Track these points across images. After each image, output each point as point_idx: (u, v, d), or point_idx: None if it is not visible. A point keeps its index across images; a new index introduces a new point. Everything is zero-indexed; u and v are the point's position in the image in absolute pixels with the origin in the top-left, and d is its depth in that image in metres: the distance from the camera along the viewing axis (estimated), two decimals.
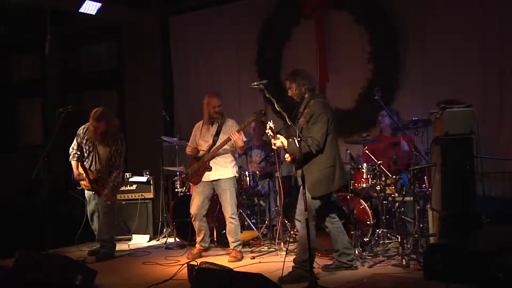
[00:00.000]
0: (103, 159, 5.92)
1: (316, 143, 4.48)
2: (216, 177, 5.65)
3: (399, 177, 5.62)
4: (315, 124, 4.53)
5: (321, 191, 4.59)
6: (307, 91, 4.72)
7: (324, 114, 4.55)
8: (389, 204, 5.66)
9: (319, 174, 4.57)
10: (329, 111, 4.64)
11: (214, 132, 5.73)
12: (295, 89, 4.73)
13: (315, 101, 4.64)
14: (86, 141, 5.98)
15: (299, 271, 4.58)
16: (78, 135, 6.04)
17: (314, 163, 4.58)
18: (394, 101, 6.67)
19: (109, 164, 5.91)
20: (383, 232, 5.57)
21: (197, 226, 5.77)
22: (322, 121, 4.51)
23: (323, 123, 4.51)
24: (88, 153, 5.97)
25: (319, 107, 4.58)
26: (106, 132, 5.88)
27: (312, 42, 7.28)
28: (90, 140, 5.95)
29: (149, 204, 7.20)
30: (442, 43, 6.45)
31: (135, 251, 6.41)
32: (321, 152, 4.56)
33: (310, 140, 4.47)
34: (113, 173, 5.91)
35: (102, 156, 5.92)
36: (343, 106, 7.13)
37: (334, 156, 4.61)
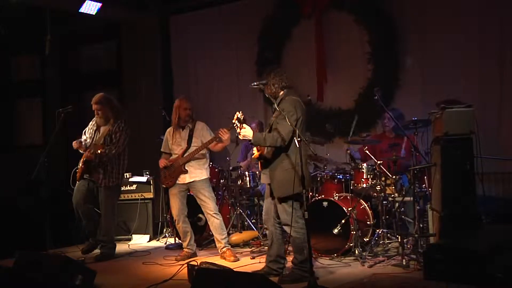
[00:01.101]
0: (101, 137, 5.90)
1: (281, 138, 4.40)
2: (191, 179, 5.70)
3: (399, 177, 5.62)
4: (283, 119, 4.44)
5: (286, 191, 4.49)
6: (281, 89, 4.65)
7: (294, 112, 4.48)
8: (389, 204, 5.66)
9: (284, 174, 4.49)
10: (301, 111, 4.56)
11: (186, 136, 5.77)
12: (268, 87, 4.67)
13: (288, 98, 4.58)
14: (91, 126, 6.04)
15: (297, 272, 4.57)
16: (87, 127, 6.11)
17: (278, 162, 4.52)
18: (394, 101, 6.67)
19: (107, 140, 5.86)
20: (383, 232, 5.57)
21: (181, 228, 5.78)
22: (291, 118, 4.42)
23: (292, 120, 4.41)
24: (90, 136, 5.99)
25: (290, 104, 4.51)
26: (109, 112, 5.92)
27: (311, 42, 7.28)
28: (97, 124, 5.99)
29: (149, 204, 7.20)
30: (442, 43, 6.45)
31: (135, 251, 6.41)
32: (286, 152, 4.50)
33: (275, 134, 4.42)
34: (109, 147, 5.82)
35: (101, 135, 5.92)
36: (343, 106, 7.14)
37: (304, 155, 4.48)
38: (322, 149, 6.50)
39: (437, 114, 4.86)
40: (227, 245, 5.65)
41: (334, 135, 7.07)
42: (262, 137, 4.49)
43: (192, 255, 5.76)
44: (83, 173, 5.93)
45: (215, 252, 5.85)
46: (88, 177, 5.93)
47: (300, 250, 4.53)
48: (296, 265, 4.59)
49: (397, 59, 6.74)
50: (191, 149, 5.68)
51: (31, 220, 6.39)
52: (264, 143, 4.48)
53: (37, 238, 5.79)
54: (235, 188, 6.64)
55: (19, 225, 6.63)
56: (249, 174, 6.60)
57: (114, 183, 5.93)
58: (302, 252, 4.50)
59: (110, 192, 5.94)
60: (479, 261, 3.16)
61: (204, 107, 7.91)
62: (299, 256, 4.56)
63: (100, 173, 5.85)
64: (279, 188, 4.53)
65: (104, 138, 5.89)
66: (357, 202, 5.55)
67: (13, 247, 5.01)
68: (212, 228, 5.68)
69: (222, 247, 5.62)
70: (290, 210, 4.49)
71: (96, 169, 5.85)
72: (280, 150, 4.50)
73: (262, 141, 4.48)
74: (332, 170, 6.18)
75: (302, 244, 4.47)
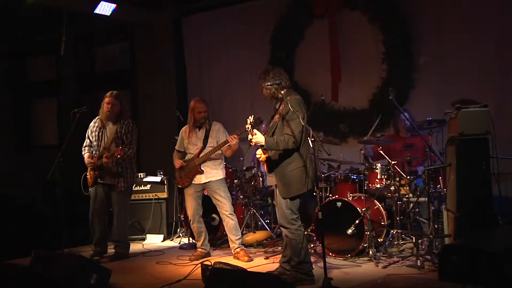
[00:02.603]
0: (110, 138, 5.85)
1: (293, 140, 4.39)
2: (207, 179, 5.71)
3: (413, 177, 5.60)
4: (292, 120, 4.42)
5: (292, 192, 4.48)
6: (281, 89, 4.58)
7: (300, 111, 4.44)
8: (404, 204, 5.64)
9: (290, 175, 4.47)
10: (304, 109, 4.52)
11: (203, 136, 5.78)
12: (266, 88, 4.62)
13: (292, 98, 4.52)
14: (96, 128, 5.94)
15: (297, 275, 4.53)
16: (89, 129, 6.02)
17: (284, 163, 4.49)
18: (409, 101, 6.64)
19: (117, 142, 5.81)
20: (397, 233, 5.55)
21: (196, 228, 5.80)
22: (299, 118, 4.39)
23: (299, 120, 4.39)
24: (97, 139, 5.91)
25: (296, 104, 4.47)
26: (120, 112, 5.89)
27: (325, 42, 7.26)
28: (103, 120, 5.90)
29: (163, 204, 7.24)
30: (458, 42, 6.40)
31: (149, 251, 6.44)
32: (293, 152, 4.46)
33: (287, 136, 4.40)
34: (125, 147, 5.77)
35: (110, 136, 5.87)
36: (357, 106, 7.12)
37: (305, 156, 4.47)
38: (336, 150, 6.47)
39: (452, 114, 4.82)
40: (240, 246, 5.67)
41: (348, 135, 7.05)
42: (274, 142, 4.45)
43: (206, 255, 5.78)
44: (97, 178, 5.90)
45: (229, 252, 5.86)
46: (102, 182, 5.91)
47: (296, 252, 4.50)
48: (294, 267, 4.57)
49: (412, 59, 6.70)
50: (207, 150, 5.69)
51: (47, 220, 6.46)
52: (277, 147, 4.46)
53: (53, 238, 5.84)
54: (249, 188, 6.64)
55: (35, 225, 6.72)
56: (262, 174, 6.61)
57: (129, 183, 5.96)
58: (299, 254, 4.48)
59: (125, 193, 5.96)
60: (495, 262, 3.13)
61: (217, 107, 7.94)
62: (296, 258, 4.52)
63: (116, 176, 5.85)
64: (283, 189, 4.52)
65: (113, 140, 5.86)
66: (371, 203, 5.53)
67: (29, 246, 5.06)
68: (226, 228, 5.70)
69: (236, 247, 5.64)
70: (287, 211, 4.50)
71: (111, 173, 5.85)
72: (286, 151, 4.48)
73: (275, 145, 4.46)
74: (346, 170, 6.16)
75: (298, 245, 4.47)
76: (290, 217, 4.50)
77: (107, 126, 5.93)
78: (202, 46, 8.50)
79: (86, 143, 6.04)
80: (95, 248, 6.01)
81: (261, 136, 4.48)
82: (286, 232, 4.58)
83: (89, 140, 6.02)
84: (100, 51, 9.76)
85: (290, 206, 4.51)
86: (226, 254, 5.93)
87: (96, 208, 5.96)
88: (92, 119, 6.08)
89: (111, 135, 5.87)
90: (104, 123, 5.93)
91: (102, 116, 5.92)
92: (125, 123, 5.90)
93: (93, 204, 5.95)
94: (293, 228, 4.52)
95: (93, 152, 5.97)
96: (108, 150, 5.82)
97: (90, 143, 6.01)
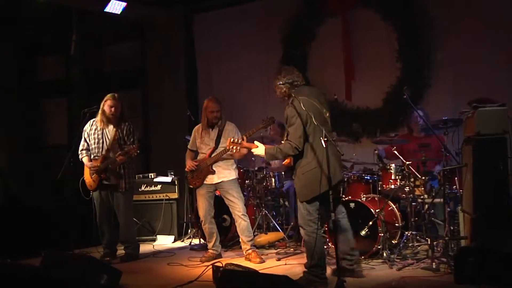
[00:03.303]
0: (112, 141, 5.87)
1: (294, 146, 4.39)
2: (220, 179, 5.71)
3: (428, 178, 5.56)
4: (290, 126, 4.44)
5: (307, 195, 4.49)
6: (290, 89, 4.57)
7: (297, 115, 4.39)
8: (418, 205, 5.59)
9: (303, 178, 4.48)
10: (306, 110, 4.36)
11: (215, 136, 5.78)
12: (278, 88, 4.62)
13: (293, 102, 4.50)
14: (94, 131, 5.94)
15: (308, 277, 4.54)
16: (85, 131, 6.01)
17: (298, 167, 4.51)
18: (424, 100, 6.60)
19: (120, 144, 5.86)
20: (412, 235, 5.51)
21: (207, 229, 5.81)
22: (296, 122, 4.38)
23: (297, 124, 4.37)
24: (97, 141, 5.91)
25: (292, 108, 4.45)
26: (122, 113, 5.92)
27: (338, 41, 7.25)
28: (102, 122, 5.89)
29: (174, 205, 7.25)
30: (476, 39, 6.34)
31: (160, 252, 6.47)
32: (302, 156, 4.46)
33: (286, 143, 4.41)
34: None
35: (111, 139, 5.88)
36: (371, 105, 7.10)
37: (317, 156, 4.43)
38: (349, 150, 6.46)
39: (468, 114, 4.79)
40: (252, 247, 5.67)
41: (362, 135, 7.03)
42: (274, 152, 4.49)
43: (217, 256, 5.79)
44: (102, 181, 5.90)
45: (240, 253, 5.87)
46: (107, 183, 5.92)
47: (309, 254, 4.51)
48: (307, 269, 4.59)
49: (426, 57, 6.66)
50: (219, 150, 5.70)
51: (57, 220, 6.50)
52: (278, 156, 4.51)
53: (62, 238, 5.88)
54: (260, 189, 6.64)
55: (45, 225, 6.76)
56: (274, 175, 6.61)
57: (131, 183, 6.02)
58: (313, 257, 4.48)
59: (128, 194, 6.01)
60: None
61: (228, 107, 7.91)
62: (310, 260, 4.53)
63: (120, 177, 5.88)
64: (298, 192, 4.55)
65: (116, 141, 5.88)
66: (385, 204, 5.50)
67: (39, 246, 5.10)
68: (239, 229, 5.70)
69: (248, 248, 5.64)
70: (304, 212, 4.51)
71: (115, 173, 5.87)
72: (299, 154, 4.48)
73: (275, 155, 4.50)
74: (359, 171, 6.14)
75: (313, 248, 4.46)
76: (306, 218, 4.51)
77: (106, 128, 5.94)
78: (213, 44, 8.50)
79: (83, 146, 6.01)
80: (105, 249, 6.05)
81: (261, 148, 4.56)
82: (302, 232, 4.63)
83: (86, 143, 6.01)
84: (110, 50, 9.79)
85: (307, 208, 4.52)
86: (238, 255, 5.94)
87: (103, 212, 5.99)
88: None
89: (113, 137, 5.89)
90: (103, 125, 5.93)
91: (104, 119, 5.91)
92: (125, 124, 5.95)
93: (100, 208, 5.98)
94: (309, 230, 4.52)
95: (90, 155, 5.98)
96: (111, 152, 5.84)
97: (88, 146, 6.01)
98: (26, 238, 6.29)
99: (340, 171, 4.70)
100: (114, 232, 6.07)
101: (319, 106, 4.56)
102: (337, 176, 4.54)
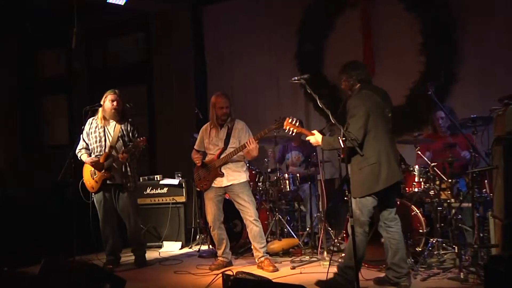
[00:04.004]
0: (115, 137, 5.92)
1: (353, 138, 4.41)
2: (229, 182, 5.68)
3: (455, 180, 5.51)
4: (351, 117, 4.49)
5: (362, 191, 4.50)
6: (356, 83, 4.66)
7: (361, 105, 4.47)
8: (444, 210, 5.55)
9: (360, 173, 4.50)
10: (369, 101, 4.51)
11: (224, 136, 5.75)
12: (344, 81, 4.71)
13: (356, 93, 4.60)
14: (95, 129, 5.98)
15: (338, 279, 4.54)
16: (84, 131, 6.03)
17: (354, 161, 4.54)
18: (450, 97, 6.56)
19: (124, 141, 5.91)
20: (437, 242, 5.46)
21: (216, 236, 5.79)
22: (358, 114, 4.44)
23: (359, 116, 4.43)
24: (99, 139, 5.95)
25: (355, 99, 4.54)
26: (124, 109, 6.01)
27: (357, 33, 7.25)
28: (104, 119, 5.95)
29: (181, 209, 7.26)
30: (508, 30, 6.27)
31: (166, 259, 6.47)
32: (361, 149, 4.47)
33: (346, 134, 4.40)
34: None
35: (114, 135, 5.93)
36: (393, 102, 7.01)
37: (378, 152, 4.47)
38: None
39: (499, 111, 4.73)
40: (265, 254, 5.65)
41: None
42: (331, 140, 4.54)
43: (227, 264, 5.78)
44: (106, 181, 5.92)
45: (252, 261, 5.85)
46: (112, 182, 5.93)
47: (349, 255, 4.47)
48: (340, 269, 4.58)
49: (453, 50, 6.62)
50: (228, 151, 5.68)
51: (58, 225, 6.52)
52: (335, 145, 4.51)
53: (64, 244, 5.89)
54: (274, 192, 6.63)
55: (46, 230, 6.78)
56: (288, 177, 6.58)
57: (136, 182, 6.07)
58: (350, 258, 4.43)
59: (133, 193, 6.05)
60: None
61: (239, 103, 7.91)
62: (347, 261, 4.52)
63: (126, 176, 5.92)
64: (352, 187, 4.49)
65: (120, 138, 5.92)
66: (408, 208, 5.46)
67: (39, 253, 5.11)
68: (250, 235, 5.68)
69: (260, 256, 5.62)
70: (356, 211, 4.49)
71: (120, 173, 5.90)
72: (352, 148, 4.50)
73: (333, 144, 4.52)
74: None
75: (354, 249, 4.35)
76: (358, 217, 4.49)
77: (108, 126, 5.99)
78: (223, 37, 8.51)
79: (82, 145, 6.04)
80: (108, 256, 6.06)
81: (318, 136, 4.62)
82: (349, 230, 4.52)
83: (85, 142, 6.04)
84: (114, 44, 9.83)
85: (359, 206, 4.52)
86: (249, 263, 5.92)
87: (106, 215, 6.01)
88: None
89: (116, 133, 5.94)
90: (104, 122, 5.98)
91: (106, 115, 5.96)
92: (128, 120, 6.03)
93: (103, 211, 6.00)
94: (358, 230, 4.45)
95: (91, 154, 6.00)
96: (115, 149, 5.87)
97: (87, 146, 6.04)
98: (25, 244, 6.31)
99: (400, 171, 4.68)
100: (117, 237, 6.09)
101: (382, 104, 4.62)
102: (396, 175, 4.56)
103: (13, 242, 6.37)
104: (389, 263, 4.68)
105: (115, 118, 5.97)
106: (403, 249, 4.71)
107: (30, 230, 6.79)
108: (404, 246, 4.75)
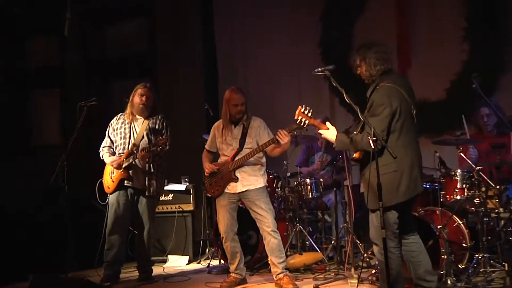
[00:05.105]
0: (140, 134, 6.01)
1: (384, 139, 4.30)
2: (244, 187, 5.65)
3: (504, 187, 5.44)
4: (374, 116, 4.35)
5: (375, 204, 4.35)
6: (378, 72, 4.49)
7: (387, 105, 4.32)
8: (492, 221, 5.51)
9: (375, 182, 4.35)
10: (397, 100, 4.35)
11: (239, 135, 5.73)
12: (364, 68, 4.54)
13: (381, 86, 4.43)
14: (121, 125, 6.13)
15: None
16: (110, 126, 6.19)
17: (372, 168, 4.35)
18: (498, 90, 6.53)
19: (150, 139, 5.99)
20: (483, 258, 5.41)
21: (229, 248, 5.76)
22: (382, 114, 4.30)
23: (384, 116, 4.30)
24: (123, 136, 6.07)
25: (382, 95, 4.37)
26: (154, 105, 6.14)
27: (390, 18, 7.23)
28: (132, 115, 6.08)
29: (189, 218, 7.30)
30: None
31: (171, 275, 6.47)
32: (380, 154, 4.33)
33: (366, 136, 4.27)
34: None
35: (139, 133, 6.03)
36: (431, 96, 7.07)
37: (400, 159, 4.31)
38: None
39: None
40: (284, 270, 5.62)
41: (420, 134, 6.90)
42: (348, 140, 4.41)
43: (241, 281, 5.77)
44: (123, 181, 5.97)
45: (270, 278, 5.82)
46: (129, 185, 5.99)
47: (383, 277, 4.39)
48: None
49: (502, 37, 6.58)
50: (244, 152, 5.65)
51: (49, 237, 6.53)
52: (350, 147, 4.43)
53: (56, 258, 5.91)
54: (294, 200, 6.61)
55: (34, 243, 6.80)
56: (311, 183, 6.55)
57: (159, 188, 6.13)
58: (384, 281, 4.33)
59: (153, 200, 6.12)
60: None
61: (255, 98, 7.88)
62: (381, 284, 4.46)
63: (148, 178, 5.98)
64: (369, 198, 4.42)
65: (146, 135, 6.01)
66: (449, 219, 5.42)
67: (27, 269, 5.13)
68: (268, 248, 5.65)
69: (279, 272, 5.59)
70: (377, 224, 4.38)
71: (141, 174, 5.97)
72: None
73: (349, 145, 4.43)
74: None
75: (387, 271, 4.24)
76: (380, 232, 4.34)
77: (135, 122, 6.12)
78: (236, 25, 8.52)
79: (106, 143, 6.19)
80: (106, 270, 6.05)
81: (333, 131, 4.50)
82: (375, 250, 4.51)
83: (109, 139, 6.18)
84: (112, 31, 9.86)
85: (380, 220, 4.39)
86: (267, 280, 5.91)
87: (116, 221, 6.01)
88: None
89: (142, 130, 6.03)
90: (132, 118, 6.11)
91: (134, 110, 6.10)
92: (158, 117, 6.14)
93: (115, 213, 6.01)
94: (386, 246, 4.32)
95: (114, 153, 6.11)
96: (138, 147, 5.94)
97: (111, 143, 6.17)
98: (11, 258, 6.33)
99: (421, 182, 4.56)
100: (123, 248, 6.10)
101: (409, 100, 4.48)
102: (417, 187, 4.44)
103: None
104: (414, 279, 4.57)
105: (143, 114, 6.09)
106: (426, 260, 4.58)
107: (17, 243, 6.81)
108: (427, 256, 4.62)
